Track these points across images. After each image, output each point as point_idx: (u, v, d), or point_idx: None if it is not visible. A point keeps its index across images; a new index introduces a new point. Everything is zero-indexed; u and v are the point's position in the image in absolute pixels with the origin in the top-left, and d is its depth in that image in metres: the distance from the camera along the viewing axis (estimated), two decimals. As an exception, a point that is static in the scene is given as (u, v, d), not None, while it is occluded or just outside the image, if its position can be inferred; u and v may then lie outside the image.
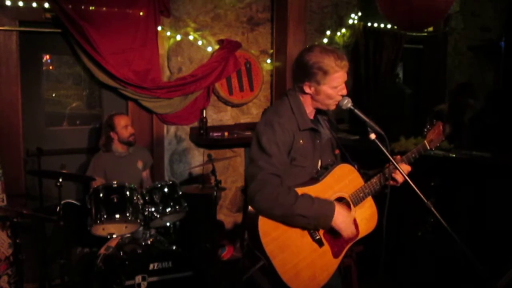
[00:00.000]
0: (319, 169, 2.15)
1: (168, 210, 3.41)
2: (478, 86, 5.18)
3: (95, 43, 3.69)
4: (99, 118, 4.18)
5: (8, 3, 3.62)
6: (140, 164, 3.82)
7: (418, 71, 5.99)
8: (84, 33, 3.65)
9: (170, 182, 3.53)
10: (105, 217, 3.16)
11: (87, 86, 4.21)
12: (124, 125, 3.68)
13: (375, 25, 5.11)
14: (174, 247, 3.25)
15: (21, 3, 3.65)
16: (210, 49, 4.34)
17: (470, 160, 3.43)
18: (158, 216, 3.39)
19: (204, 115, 4.29)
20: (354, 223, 2.13)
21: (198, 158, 4.45)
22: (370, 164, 2.29)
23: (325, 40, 4.86)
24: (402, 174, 2.09)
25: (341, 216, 2.00)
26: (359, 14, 5.07)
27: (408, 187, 2.06)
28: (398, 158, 2.23)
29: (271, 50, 4.65)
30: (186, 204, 3.52)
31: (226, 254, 4.28)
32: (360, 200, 2.16)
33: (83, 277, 3.40)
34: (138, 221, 3.25)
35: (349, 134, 4.41)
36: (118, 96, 4.08)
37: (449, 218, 1.99)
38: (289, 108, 2.09)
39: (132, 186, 3.34)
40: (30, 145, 3.81)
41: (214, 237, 3.96)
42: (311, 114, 2.16)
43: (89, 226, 3.22)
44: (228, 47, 4.31)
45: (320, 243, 2.05)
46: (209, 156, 3.77)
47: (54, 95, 4.13)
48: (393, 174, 2.17)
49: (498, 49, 5.82)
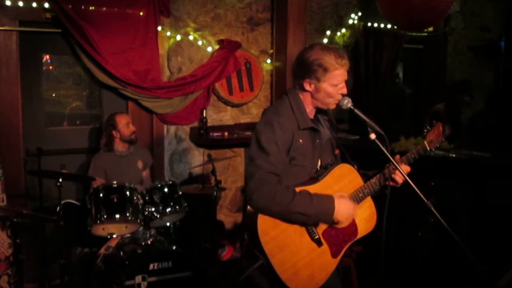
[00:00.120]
0: (319, 168, 2.15)
1: (168, 210, 3.41)
2: (478, 86, 5.19)
3: (95, 43, 3.69)
4: (99, 118, 4.18)
5: (8, 3, 3.62)
6: (140, 163, 3.83)
7: (418, 71, 5.99)
8: (84, 33, 3.66)
9: (170, 182, 3.52)
10: (105, 217, 3.16)
11: (87, 86, 4.20)
12: (125, 123, 3.69)
13: (375, 25, 5.11)
14: (174, 247, 3.25)
15: (21, 3, 3.65)
16: (210, 49, 4.34)
17: (470, 160, 3.43)
18: (158, 216, 3.39)
19: (204, 115, 4.29)
20: (353, 223, 2.13)
21: (198, 158, 4.44)
22: (370, 164, 2.29)
23: (325, 40, 4.86)
24: (402, 174, 2.09)
25: (341, 209, 2.00)
26: (359, 14, 5.06)
27: (408, 187, 2.06)
28: (398, 158, 2.22)
29: (271, 50, 4.65)
30: (186, 204, 3.52)
31: (226, 254, 4.28)
32: (359, 200, 2.15)
33: (83, 277, 3.40)
34: (138, 221, 3.25)
35: (349, 134, 4.41)
36: (118, 96, 4.08)
37: (449, 218, 1.99)
38: (289, 106, 2.09)
39: (132, 186, 3.34)
40: (30, 145, 3.81)
41: (214, 237, 3.96)
42: (311, 114, 2.16)
43: (89, 226, 3.22)
44: (228, 47, 4.31)
45: (319, 243, 2.05)
46: (209, 156, 3.77)
47: (54, 95, 4.13)
48: (392, 175, 2.16)
49: (498, 49, 5.82)
